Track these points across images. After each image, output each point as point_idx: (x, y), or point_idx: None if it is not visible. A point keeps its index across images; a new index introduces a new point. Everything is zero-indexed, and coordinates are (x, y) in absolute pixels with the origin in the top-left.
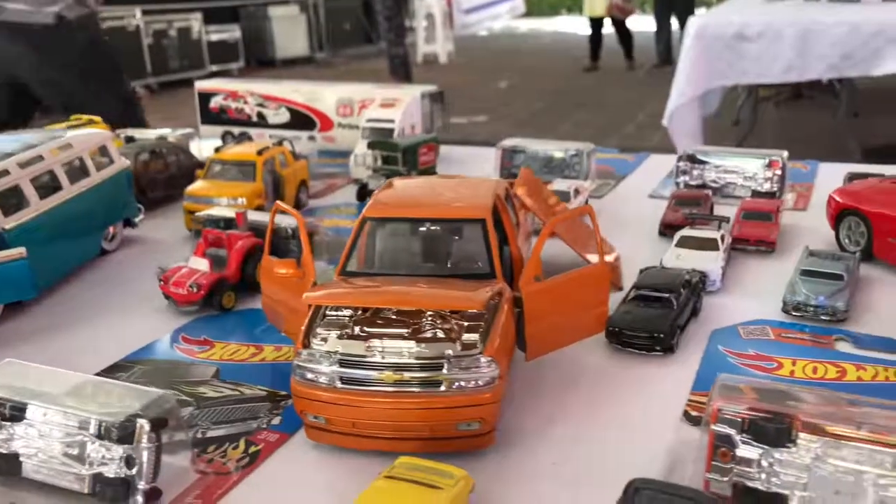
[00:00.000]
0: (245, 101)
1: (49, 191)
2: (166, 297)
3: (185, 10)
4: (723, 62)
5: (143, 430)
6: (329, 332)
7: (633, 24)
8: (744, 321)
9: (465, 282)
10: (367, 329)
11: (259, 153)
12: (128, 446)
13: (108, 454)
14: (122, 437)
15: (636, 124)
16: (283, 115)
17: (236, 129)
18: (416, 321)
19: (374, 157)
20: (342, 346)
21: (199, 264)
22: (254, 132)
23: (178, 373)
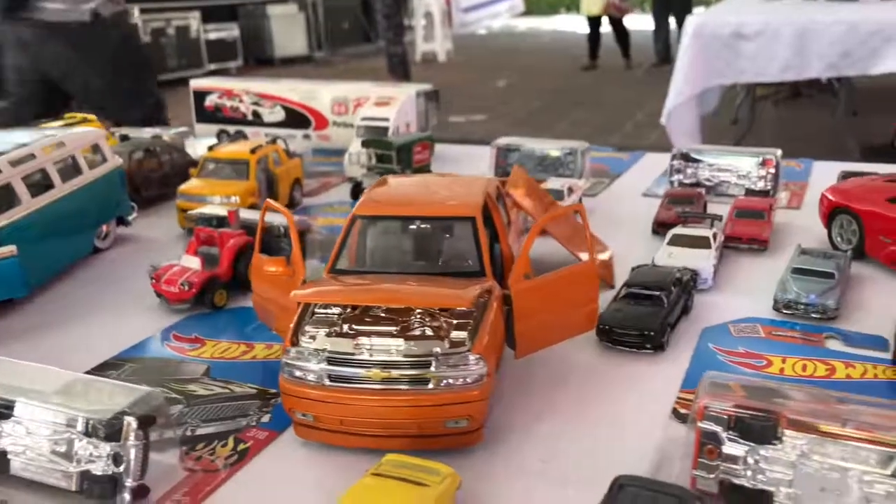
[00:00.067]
0: (240, 100)
1: (41, 189)
2: (158, 295)
3: (184, 8)
4: (721, 61)
5: (130, 427)
6: (318, 330)
7: (631, 23)
8: (735, 319)
9: (455, 280)
10: (356, 327)
11: (252, 152)
12: (115, 444)
13: (95, 451)
14: (110, 434)
15: (635, 123)
16: (279, 114)
17: (231, 128)
18: (405, 319)
19: (369, 155)
20: (330, 344)
21: (191, 262)
22: (249, 131)
23: (168, 371)
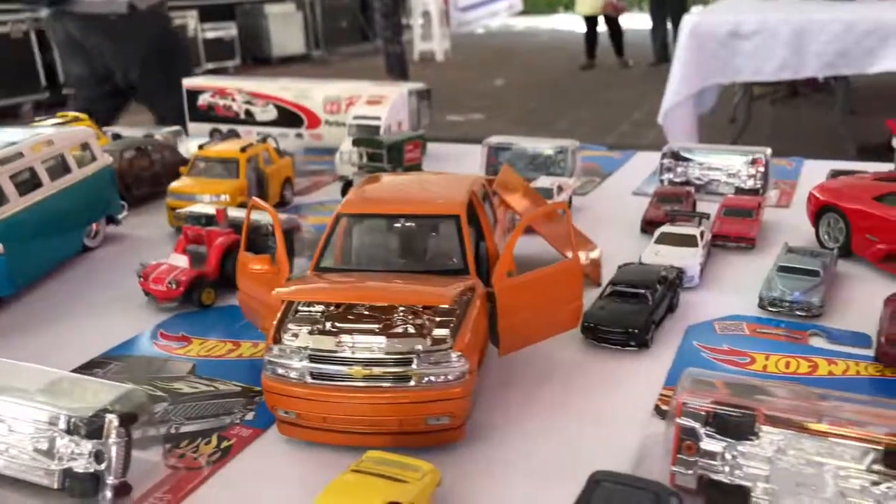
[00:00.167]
0: (233, 99)
1: (29, 187)
2: (146, 293)
3: (182, 7)
4: (717, 60)
5: (111, 425)
6: (300, 328)
7: (627, 22)
8: (720, 317)
9: (439, 278)
10: (338, 325)
11: (242, 150)
12: (97, 441)
13: (77, 449)
14: (91, 432)
15: (632, 122)
16: (271, 113)
17: (224, 127)
18: (388, 317)
19: (360, 154)
20: (312, 342)
21: (179, 261)
22: (242, 129)
23: (154, 369)
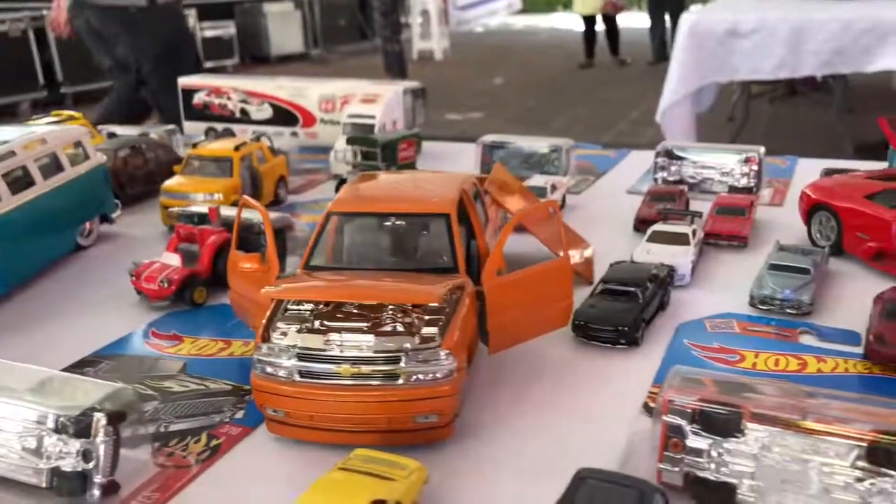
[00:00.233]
0: (228, 98)
1: (21, 186)
2: (138, 292)
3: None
4: (715, 59)
5: (99, 423)
6: (289, 327)
7: (625, 21)
8: (710, 315)
9: (429, 276)
10: (327, 323)
11: (236, 149)
12: (84, 440)
13: (65, 448)
14: (79, 430)
15: (631, 121)
16: (266, 111)
17: (220, 126)
18: (377, 315)
19: (354, 152)
20: (301, 340)
21: (171, 260)
22: (237, 128)
23: (145, 367)
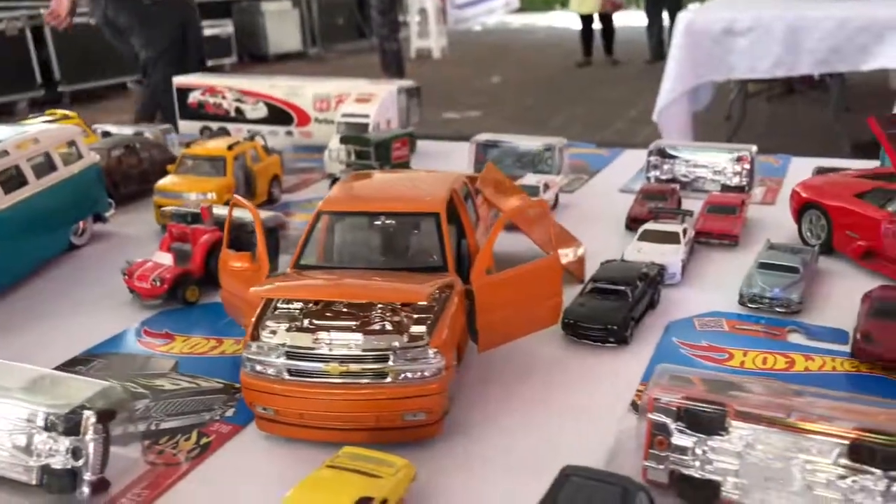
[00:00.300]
0: (223, 97)
1: (14, 185)
2: (131, 291)
3: None
4: (712, 57)
5: (89, 421)
6: (278, 325)
7: (623, 20)
8: (700, 313)
9: (418, 275)
10: (316, 322)
11: (229, 148)
12: (74, 438)
13: (55, 446)
14: (69, 428)
15: (628, 119)
16: (261, 110)
17: (214, 125)
18: (366, 314)
19: (348, 151)
20: (290, 339)
21: (163, 259)
22: (232, 127)
23: (136, 366)
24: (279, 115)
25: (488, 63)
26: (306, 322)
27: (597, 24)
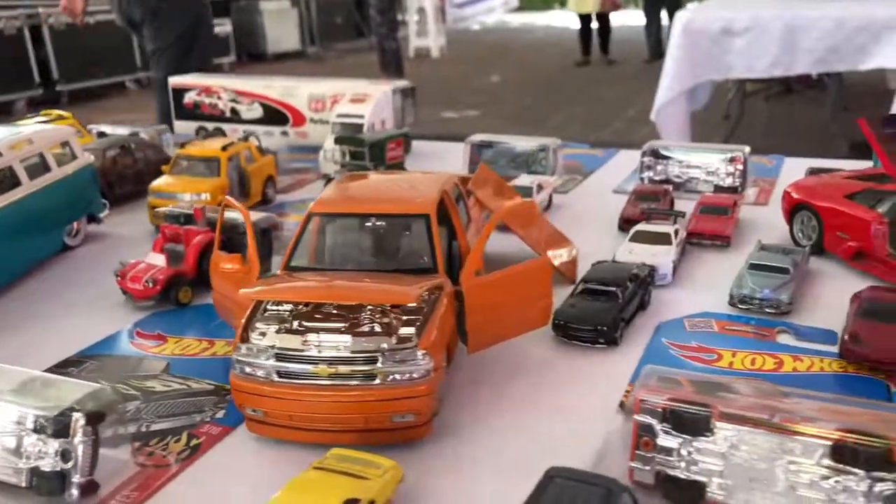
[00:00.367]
0: (218, 97)
1: (7, 186)
2: (124, 292)
3: None
4: (710, 57)
5: (77, 423)
6: (268, 327)
7: (621, 19)
8: (690, 314)
9: (408, 277)
10: (305, 323)
11: (224, 149)
12: (63, 440)
13: (44, 448)
14: (58, 430)
15: (627, 119)
16: (257, 111)
17: (210, 125)
18: (356, 315)
19: (342, 152)
20: (279, 341)
21: (156, 260)
22: (228, 128)
23: (128, 367)
24: (274, 115)
25: (487, 62)
26: (296, 324)
27: (595, 24)
